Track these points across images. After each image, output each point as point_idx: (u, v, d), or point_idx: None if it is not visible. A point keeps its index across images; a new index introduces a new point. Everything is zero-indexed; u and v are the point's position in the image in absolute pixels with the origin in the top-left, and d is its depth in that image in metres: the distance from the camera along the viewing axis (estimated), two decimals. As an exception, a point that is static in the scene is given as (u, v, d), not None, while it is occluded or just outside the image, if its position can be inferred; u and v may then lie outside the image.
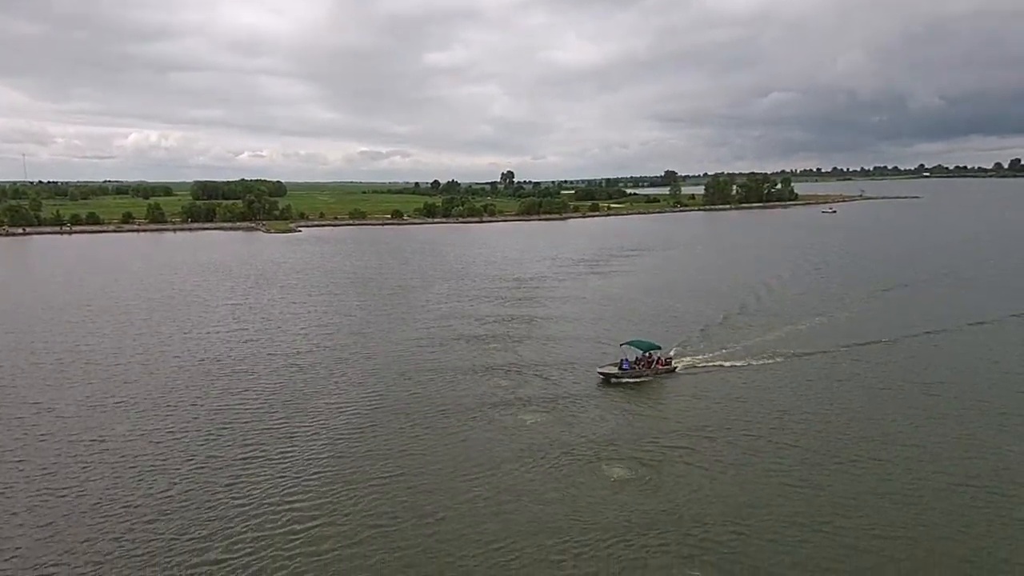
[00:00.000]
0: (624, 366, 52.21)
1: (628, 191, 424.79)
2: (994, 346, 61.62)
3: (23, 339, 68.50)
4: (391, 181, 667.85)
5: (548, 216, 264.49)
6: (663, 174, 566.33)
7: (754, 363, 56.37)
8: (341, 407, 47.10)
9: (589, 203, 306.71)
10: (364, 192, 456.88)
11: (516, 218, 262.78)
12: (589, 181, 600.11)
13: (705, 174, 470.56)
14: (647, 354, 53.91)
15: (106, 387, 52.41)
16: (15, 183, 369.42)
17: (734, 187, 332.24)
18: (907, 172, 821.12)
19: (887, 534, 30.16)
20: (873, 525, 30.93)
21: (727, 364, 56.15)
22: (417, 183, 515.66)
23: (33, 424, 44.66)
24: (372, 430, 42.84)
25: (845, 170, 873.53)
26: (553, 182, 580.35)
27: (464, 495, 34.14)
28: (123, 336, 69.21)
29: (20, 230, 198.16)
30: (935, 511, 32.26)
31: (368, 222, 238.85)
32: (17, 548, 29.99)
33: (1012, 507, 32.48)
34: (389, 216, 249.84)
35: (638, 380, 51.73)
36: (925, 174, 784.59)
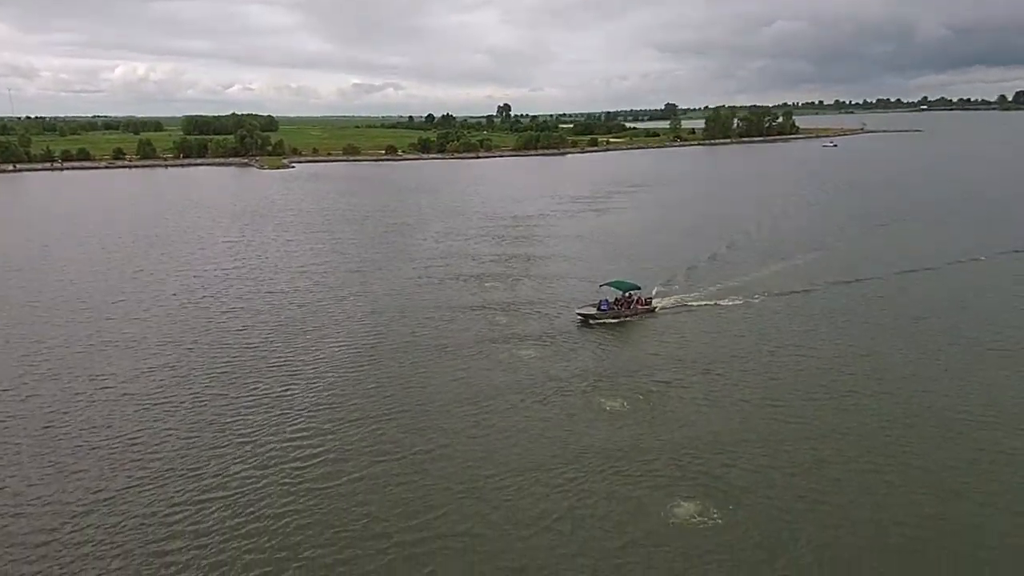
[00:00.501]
0: (603, 307, 51.95)
1: (628, 125, 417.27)
2: (990, 282, 61.74)
3: (22, 278, 68.26)
4: (384, 115, 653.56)
5: (546, 151, 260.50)
6: (663, 107, 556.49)
7: (743, 301, 56.24)
8: (341, 344, 47.34)
9: (588, 138, 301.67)
10: (357, 126, 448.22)
11: (513, 153, 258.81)
12: (588, 115, 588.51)
13: (706, 107, 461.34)
14: (627, 294, 53.56)
15: (106, 325, 52.54)
16: (2, 118, 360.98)
17: (735, 120, 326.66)
18: (910, 105, 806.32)
19: (877, 467, 30.78)
20: (863, 458, 31.51)
21: (721, 303, 55.97)
22: (411, 117, 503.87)
23: (32, 364, 44.92)
24: (372, 367, 43.18)
25: (848, 103, 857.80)
26: (551, 115, 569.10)
27: (463, 430, 34.67)
28: (121, 274, 68.99)
29: (11, 166, 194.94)
30: (926, 444, 32.85)
31: (362, 158, 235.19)
32: (29, 485, 30.56)
33: (1004, 440, 33.03)
34: (383, 152, 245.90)
35: (617, 320, 51.57)
36: (923, 107, 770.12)
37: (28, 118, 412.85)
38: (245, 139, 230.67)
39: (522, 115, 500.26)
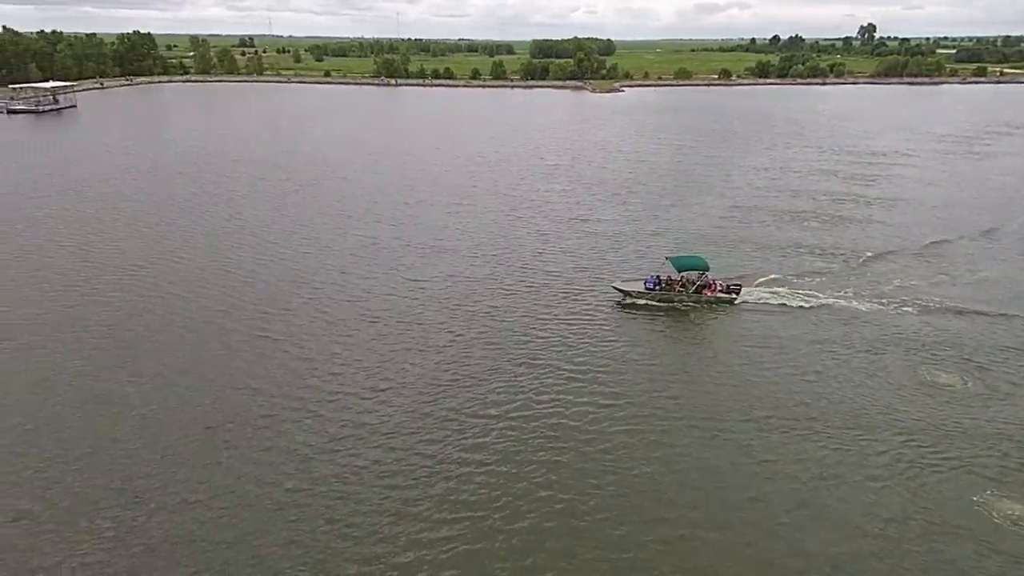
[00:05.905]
0: (649, 283, 42.05)
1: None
2: None
3: (385, 179, 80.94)
4: (724, 38, 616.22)
5: (913, 79, 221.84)
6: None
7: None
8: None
9: (974, 66, 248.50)
10: (693, 50, 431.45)
11: (869, 80, 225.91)
12: (978, 39, 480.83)
13: None
14: (702, 275, 42.15)
15: (438, 232, 59.47)
16: (391, 39, 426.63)
17: None
18: None
19: None
20: None
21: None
22: (754, 39, 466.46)
23: (362, 252, 52.78)
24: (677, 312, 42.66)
25: None
26: (927, 38, 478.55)
27: (759, 377, 32.83)
28: (458, 189, 77.69)
29: (393, 81, 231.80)
30: None
31: (692, 82, 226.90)
32: (358, 384, 36.91)
33: None
34: (716, 76, 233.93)
35: (665, 304, 41.46)
36: None
37: (408, 39, 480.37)
38: (582, 62, 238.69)
39: (889, 37, 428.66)
